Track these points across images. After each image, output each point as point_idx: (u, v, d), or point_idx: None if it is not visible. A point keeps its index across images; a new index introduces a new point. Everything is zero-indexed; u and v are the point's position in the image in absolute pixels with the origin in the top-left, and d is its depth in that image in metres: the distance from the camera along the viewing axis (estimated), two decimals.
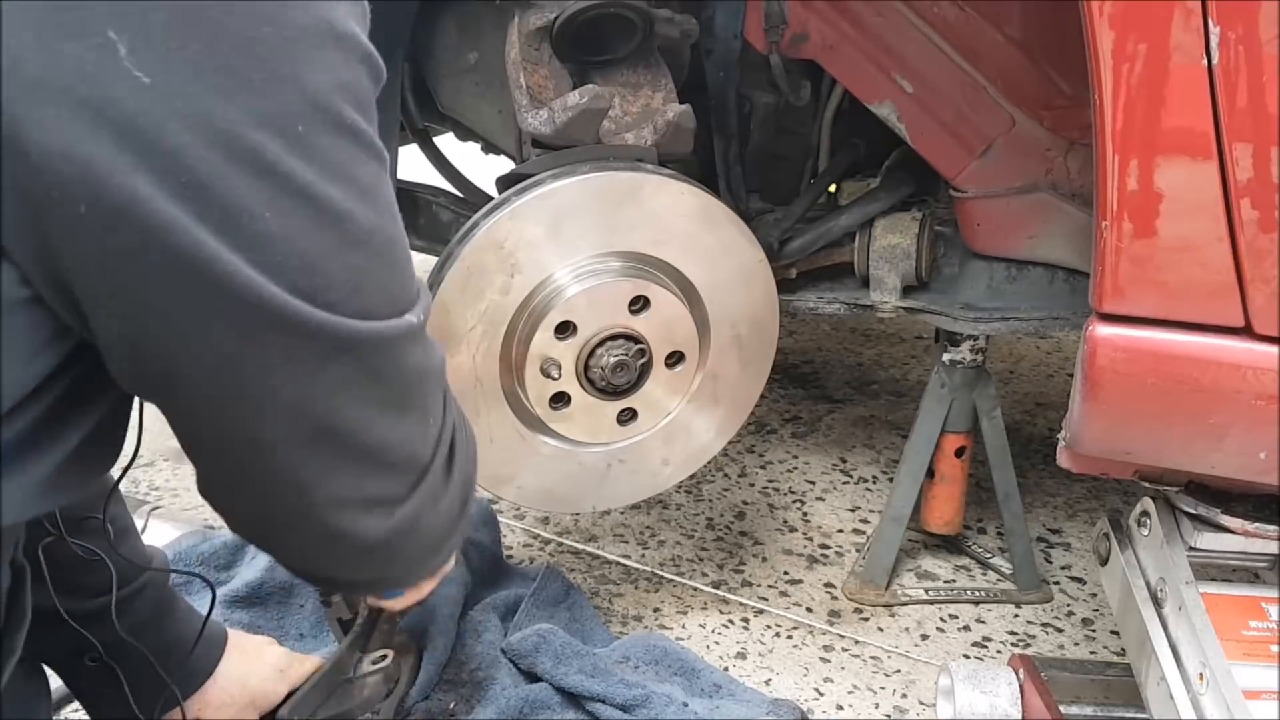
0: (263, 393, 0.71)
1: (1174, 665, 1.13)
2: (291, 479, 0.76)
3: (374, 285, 0.73)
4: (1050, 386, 2.54)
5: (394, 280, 0.76)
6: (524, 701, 1.36)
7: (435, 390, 0.84)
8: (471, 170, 1.82)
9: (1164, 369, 1.08)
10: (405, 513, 0.82)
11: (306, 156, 0.66)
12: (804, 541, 1.88)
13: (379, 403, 0.76)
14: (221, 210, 0.64)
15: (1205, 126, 0.98)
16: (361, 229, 0.71)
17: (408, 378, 0.79)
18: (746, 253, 1.37)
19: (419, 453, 0.82)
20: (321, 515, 0.78)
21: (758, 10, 1.47)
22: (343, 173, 0.69)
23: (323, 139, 0.67)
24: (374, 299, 0.73)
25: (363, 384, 0.75)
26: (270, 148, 0.64)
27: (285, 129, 0.65)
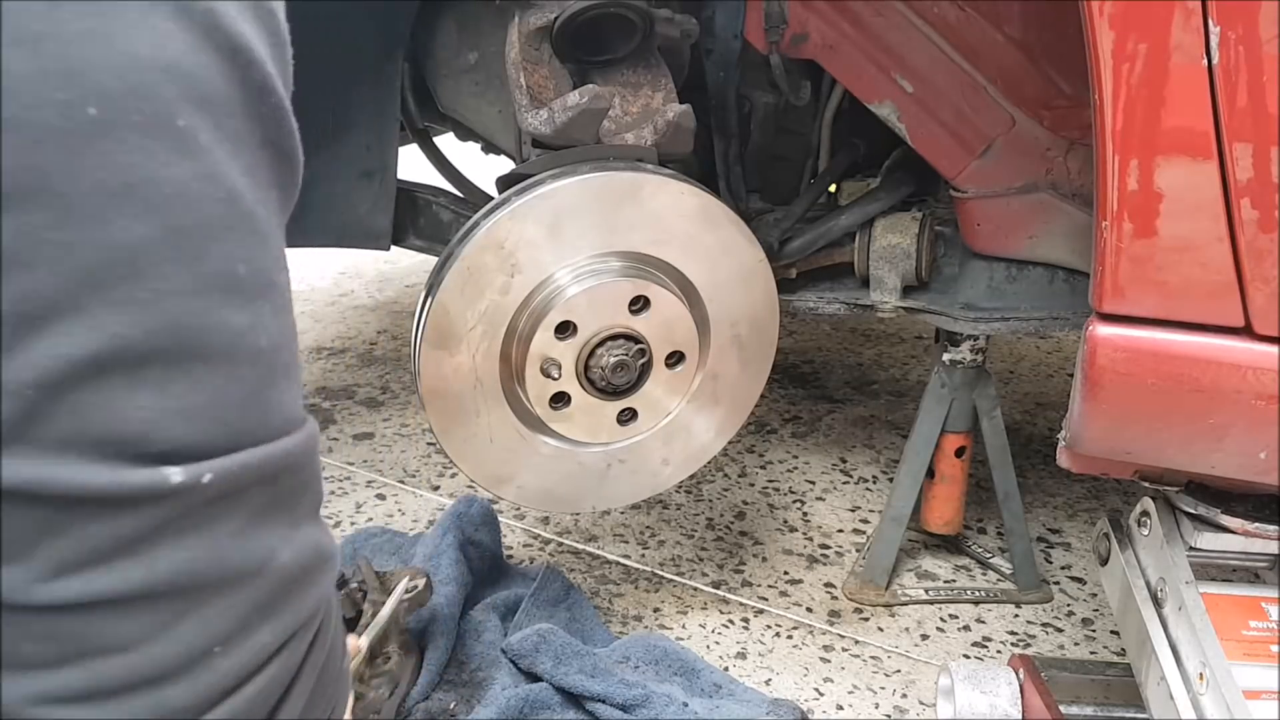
0: None
1: (1174, 665, 1.13)
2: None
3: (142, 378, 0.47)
4: (1050, 386, 2.54)
5: (174, 390, 0.48)
6: (524, 701, 1.36)
7: (234, 605, 0.53)
8: (471, 170, 1.82)
9: (1164, 369, 1.08)
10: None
11: (87, 151, 0.45)
12: (804, 541, 1.88)
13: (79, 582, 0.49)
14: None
15: (1205, 126, 0.98)
16: (139, 282, 0.47)
17: (152, 567, 0.50)
18: (746, 253, 1.37)
19: (165, 683, 0.52)
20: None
21: (758, 10, 1.47)
22: (143, 191, 0.47)
23: (125, 134, 0.46)
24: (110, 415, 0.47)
25: (48, 545, 0.48)
26: (31, 129, 0.44)
27: (66, 105, 0.45)
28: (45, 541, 0.48)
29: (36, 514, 0.47)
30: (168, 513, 0.49)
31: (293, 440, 0.55)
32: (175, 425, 0.49)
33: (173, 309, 0.47)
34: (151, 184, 0.46)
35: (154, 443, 0.48)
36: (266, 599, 0.55)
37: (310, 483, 0.58)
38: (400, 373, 2.51)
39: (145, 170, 0.46)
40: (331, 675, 0.63)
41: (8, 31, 0.43)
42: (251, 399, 0.52)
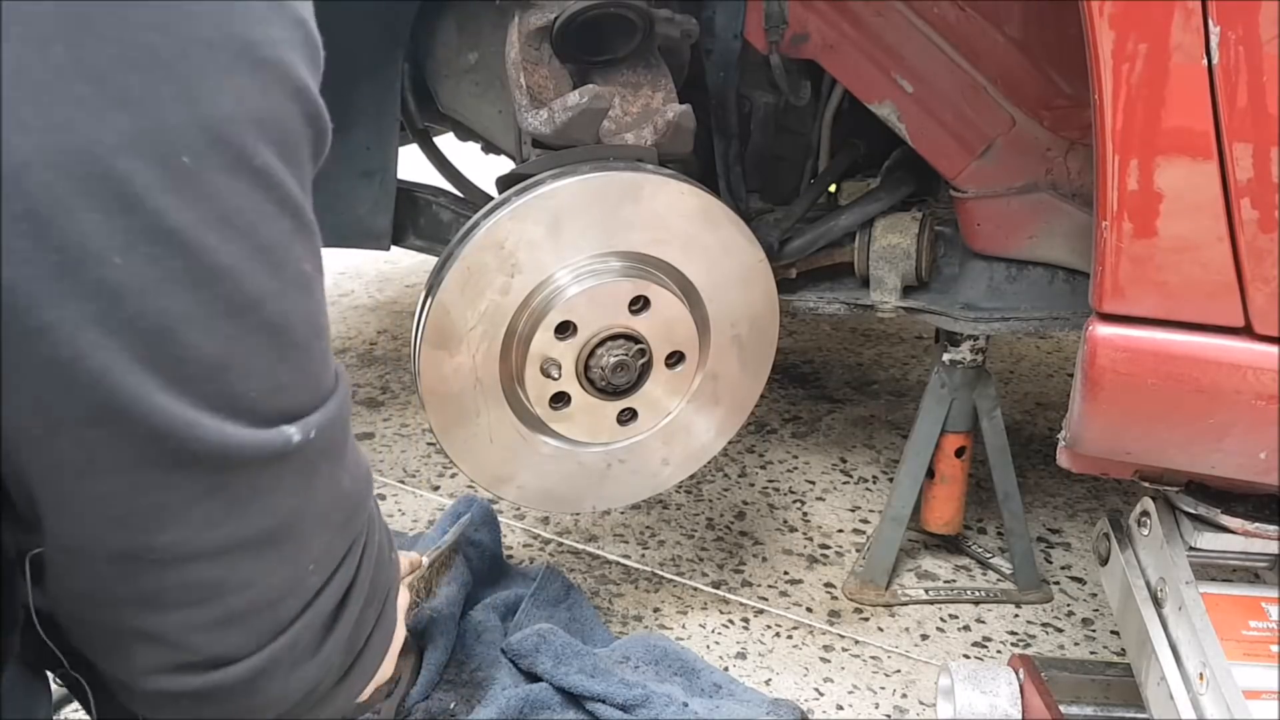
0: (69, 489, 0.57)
1: (1174, 665, 1.13)
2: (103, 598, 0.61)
3: (250, 368, 0.58)
4: (1050, 386, 2.54)
5: (282, 368, 0.60)
6: (524, 701, 1.36)
7: (327, 531, 0.67)
8: (471, 170, 1.82)
9: (1164, 369, 1.08)
10: (235, 673, 0.64)
11: (188, 195, 0.53)
12: (804, 541, 1.88)
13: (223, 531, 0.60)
14: (59, 249, 0.51)
15: (1205, 126, 0.98)
16: (245, 294, 0.57)
17: (274, 511, 0.62)
18: (746, 253, 1.37)
19: (278, 606, 0.65)
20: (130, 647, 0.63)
21: (758, 10, 1.47)
22: (236, 222, 0.56)
23: (215, 177, 0.54)
24: (246, 386, 0.58)
25: (203, 503, 0.59)
26: (139, 179, 0.52)
27: (165, 157, 0.52)
28: (201, 502, 0.58)
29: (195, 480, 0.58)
30: (288, 465, 0.61)
31: (343, 386, 0.67)
32: (283, 396, 0.61)
33: (268, 310, 0.58)
34: (239, 213, 0.56)
35: (272, 410, 0.60)
36: (339, 520, 0.68)
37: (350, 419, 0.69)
38: (400, 373, 2.51)
39: (233, 203, 0.56)
40: (382, 568, 0.76)
41: (116, 99, 0.51)
42: (322, 365, 0.64)
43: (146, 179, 0.52)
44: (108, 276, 0.52)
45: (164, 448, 0.56)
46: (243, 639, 0.64)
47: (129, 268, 0.52)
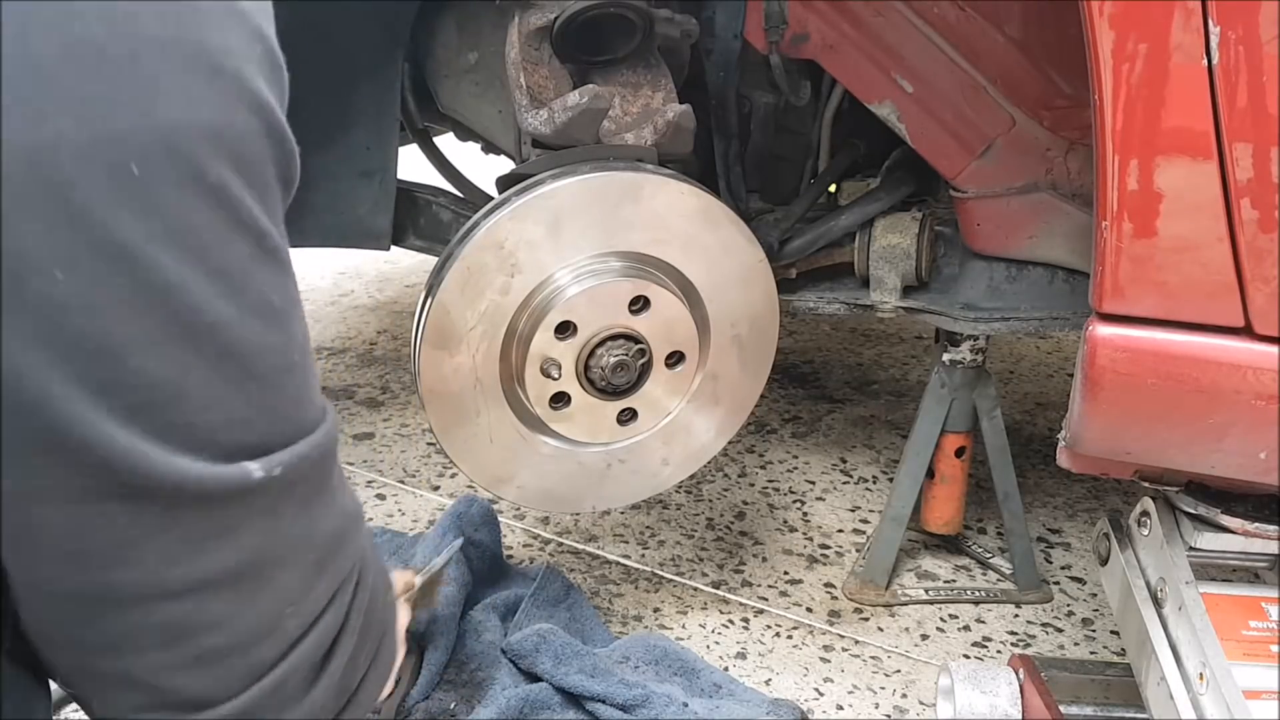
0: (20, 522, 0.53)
1: (1174, 665, 1.13)
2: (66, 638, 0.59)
3: (207, 399, 0.54)
4: (1050, 386, 2.54)
5: (244, 401, 0.57)
6: (524, 701, 1.36)
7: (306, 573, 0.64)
8: (471, 170, 1.82)
9: (1164, 369, 1.08)
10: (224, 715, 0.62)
11: (135, 207, 0.50)
12: (804, 541, 1.88)
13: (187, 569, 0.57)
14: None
15: (1205, 126, 0.98)
16: (198, 318, 0.53)
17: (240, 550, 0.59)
18: (746, 253, 1.37)
19: (253, 648, 0.62)
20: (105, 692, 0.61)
21: (758, 10, 1.47)
22: (187, 240, 0.52)
23: (166, 190, 0.51)
24: (203, 418, 0.55)
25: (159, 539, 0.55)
26: (83, 186, 0.48)
27: (111, 165, 0.49)
28: (156, 538, 0.56)
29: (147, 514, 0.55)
30: (250, 502, 0.58)
31: (326, 427, 0.64)
32: (244, 431, 0.57)
33: (225, 337, 0.55)
34: (191, 232, 0.52)
35: (231, 444, 0.56)
36: (318, 561, 0.65)
37: (336, 456, 0.67)
38: (400, 373, 2.51)
39: (184, 220, 0.52)
40: (376, 610, 0.73)
41: (60, 100, 0.47)
42: (294, 402, 0.61)
43: (91, 188, 0.48)
44: (50, 293, 0.48)
45: (114, 479, 0.53)
46: (220, 682, 0.62)
47: (71, 284, 0.49)
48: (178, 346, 0.53)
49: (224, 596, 0.59)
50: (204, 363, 0.54)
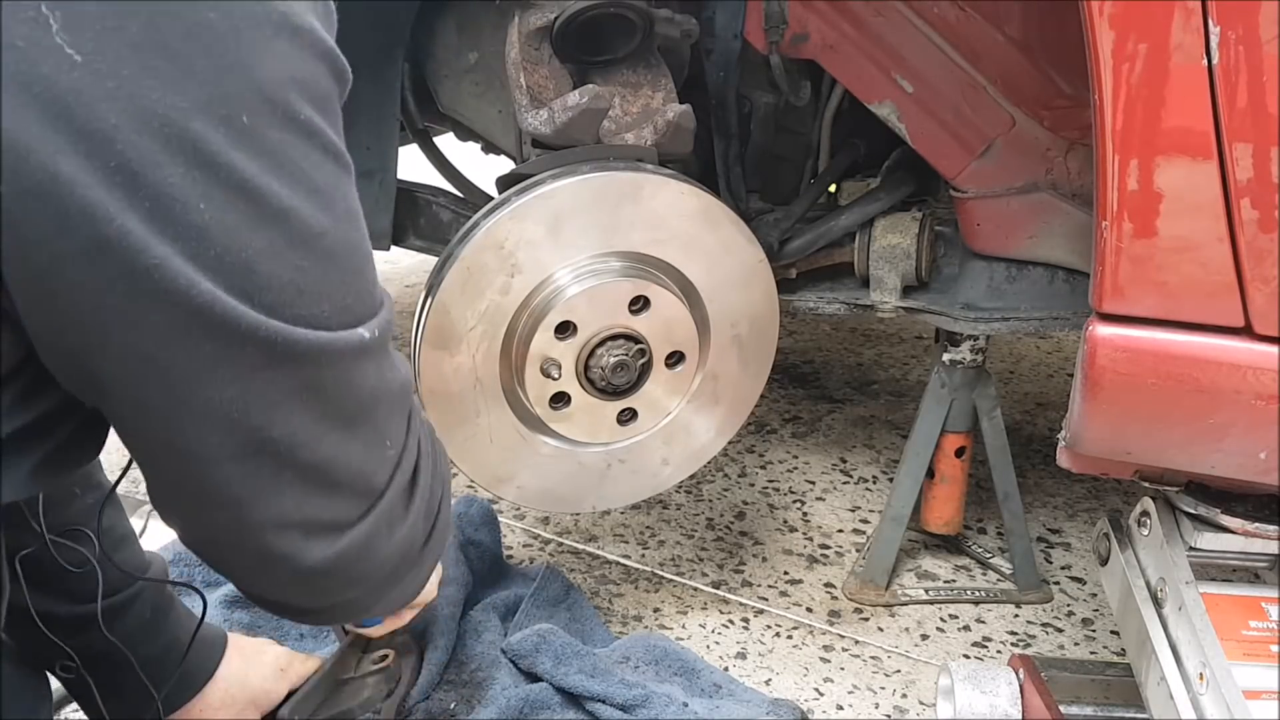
0: (191, 401, 0.66)
1: (1174, 665, 1.13)
2: (227, 496, 0.71)
3: (321, 291, 0.68)
4: (1050, 386, 2.54)
5: (346, 288, 0.71)
6: (524, 701, 1.36)
7: (393, 413, 0.79)
8: (471, 170, 1.82)
9: (1164, 369, 1.08)
10: (354, 538, 0.77)
11: (251, 149, 0.62)
12: (804, 541, 1.88)
13: (324, 420, 0.72)
14: (152, 198, 0.60)
15: (1205, 126, 0.98)
16: (309, 229, 0.67)
17: (358, 396, 0.74)
18: (746, 253, 1.37)
19: (371, 476, 0.77)
20: (260, 536, 0.73)
21: (758, 10, 1.47)
22: (291, 169, 0.65)
23: (271, 132, 0.64)
24: (320, 306, 0.68)
25: (304, 398, 0.70)
26: (211, 137, 0.61)
27: (229, 118, 0.61)
28: (303, 393, 0.69)
29: (302, 370, 0.68)
30: (364, 357, 0.72)
31: (389, 299, 0.78)
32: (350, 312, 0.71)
33: (328, 243, 0.68)
34: (293, 162, 0.65)
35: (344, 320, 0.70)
36: (402, 402, 0.80)
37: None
38: None
39: (287, 154, 0.65)
40: (434, 440, 0.89)
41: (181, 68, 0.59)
42: (373, 281, 0.75)
43: (216, 137, 0.61)
44: (195, 221, 0.61)
45: (272, 352, 0.66)
46: (350, 506, 0.76)
47: (211, 212, 0.61)
48: (295, 254, 0.66)
49: (351, 435, 0.74)
50: (315, 264, 0.67)
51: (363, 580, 0.81)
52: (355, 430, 0.74)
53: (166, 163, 0.60)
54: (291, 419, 0.70)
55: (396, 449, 0.80)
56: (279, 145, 0.64)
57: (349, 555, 0.77)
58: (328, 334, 0.69)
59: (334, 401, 0.72)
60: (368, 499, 0.77)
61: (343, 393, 0.72)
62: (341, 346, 0.70)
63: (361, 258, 0.73)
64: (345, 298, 0.71)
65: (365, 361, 0.73)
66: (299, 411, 0.70)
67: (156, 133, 0.59)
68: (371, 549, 0.79)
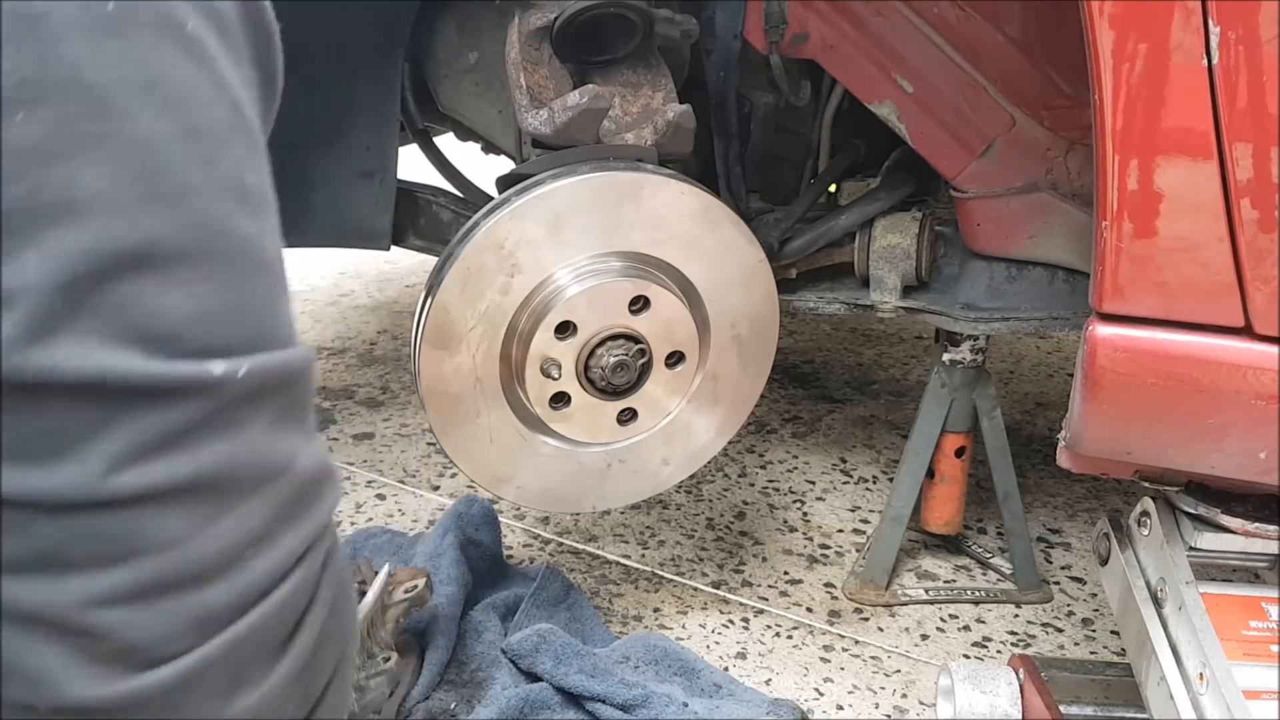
0: None
1: (1174, 665, 1.13)
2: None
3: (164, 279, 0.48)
4: (1050, 386, 2.54)
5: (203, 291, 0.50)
6: (524, 701, 1.36)
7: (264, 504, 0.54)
8: (471, 170, 1.82)
9: (1164, 369, 1.08)
10: (161, 681, 0.51)
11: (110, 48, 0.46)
12: (804, 541, 1.88)
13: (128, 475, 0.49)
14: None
15: (1205, 126, 0.98)
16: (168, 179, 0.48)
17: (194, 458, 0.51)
18: (746, 253, 1.37)
19: (206, 581, 0.52)
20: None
21: (758, 10, 1.47)
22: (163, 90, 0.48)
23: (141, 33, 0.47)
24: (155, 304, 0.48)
25: (100, 438, 0.48)
26: (56, 19, 0.44)
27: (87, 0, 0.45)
28: (98, 436, 0.48)
29: (88, 409, 0.47)
30: (210, 405, 0.50)
31: (301, 350, 0.57)
32: (206, 325, 0.50)
33: (196, 208, 0.49)
34: (169, 82, 0.48)
35: (190, 340, 0.49)
36: (290, 501, 0.56)
37: (311, 399, 0.59)
38: (400, 373, 2.51)
39: (161, 69, 0.47)
40: (344, 599, 0.63)
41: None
42: (266, 305, 0.53)
43: (63, 22, 0.44)
44: (9, 135, 0.44)
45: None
46: (164, 627, 0.51)
47: (33, 126, 0.44)
48: (142, 209, 0.47)
49: (175, 513, 0.50)
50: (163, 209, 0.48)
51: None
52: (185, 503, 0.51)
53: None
54: (77, 464, 0.48)
55: (266, 566, 0.54)
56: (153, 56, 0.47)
57: (153, 701, 0.51)
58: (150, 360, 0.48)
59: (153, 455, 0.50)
60: (198, 623, 0.52)
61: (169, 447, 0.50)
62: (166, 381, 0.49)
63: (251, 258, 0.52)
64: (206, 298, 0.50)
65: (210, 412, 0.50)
66: (90, 455, 0.48)
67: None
68: (193, 704, 0.52)
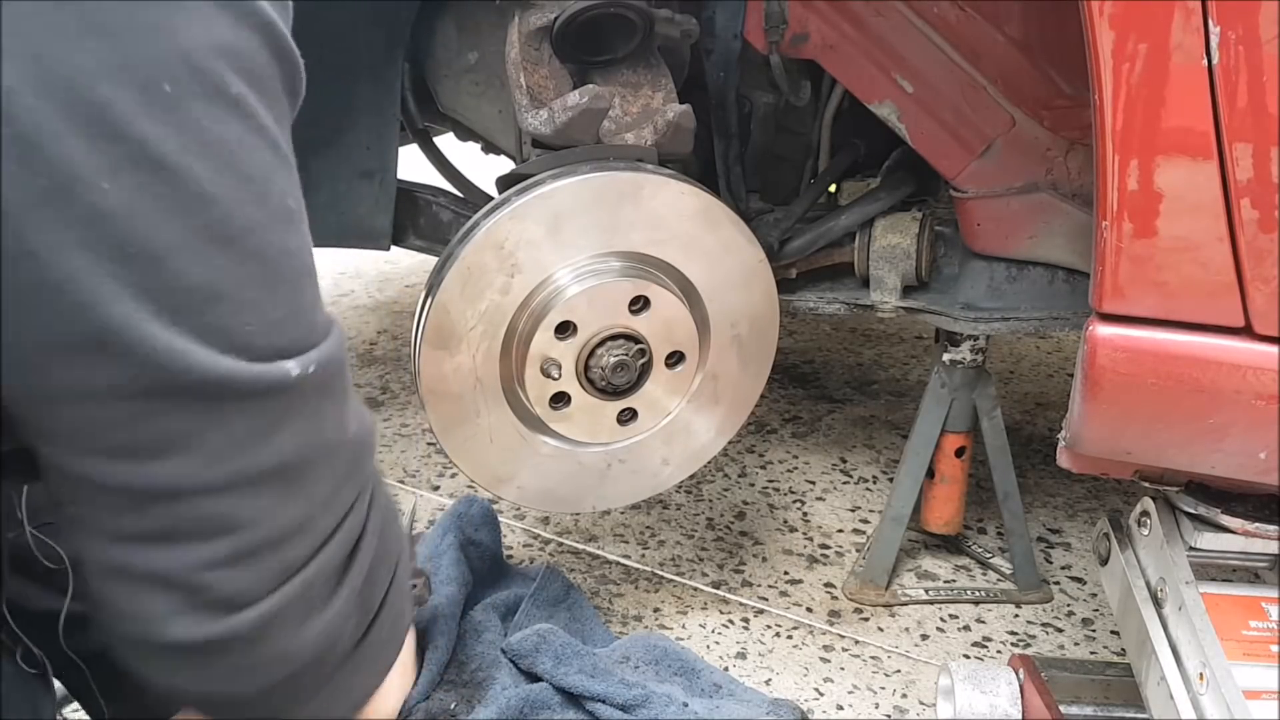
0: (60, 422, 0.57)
1: (1174, 665, 1.13)
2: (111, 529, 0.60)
3: (243, 299, 0.58)
4: (1050, 386, 2.54)
5: (276, 301, 0.60)
6: (524, 701, 1.36)
7: (335, 478, 0.67)
8: (471, 170, 1.82)
9: (1164, 369, 1.08)
10: (250, 618, 0.63)
11: (170, 122, 0.54)
12: (804, 541, 1.88)
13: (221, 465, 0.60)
14: (47, 174, 0.51)
15: (1205, 126, 0.98)
16: (234, 222, 0.57)
17: (279, 450, 0.62)
18: (746, 253, 1.37)
19: (286, 545, 0.64)
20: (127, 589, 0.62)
21: (758, 10, 1.47)
22: (218, 150, 0.56)
23: (195, 105, 0.55)
24: (241, 317, 0.58)
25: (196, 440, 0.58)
26: (121, 105, 0.52)
27: (145, 85, 0.53)
28: (202, 434, 0.58)
29: (193, 411, 0.57)
30: (290, 401, 0.61)
31: (337, 332, 0.67)
32: (275, 333, 0.60)
33: (255, 241, 0.58)
34: (221, 142, 0.57)
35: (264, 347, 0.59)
36: (346, 466, 0.67)
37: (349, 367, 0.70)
38: (400, 373, 2.51)
39: (215, 132, 0.56)
40: (390, 526, 0.75)
41: (92, 28, 0.52)
42: (314, 304, 0.64)
43: (128, 106, 0.52)
44: (96, 202, 0.52)
45: (159, 377, 0.56)
46: (254, 579, 0.63)
47: (116, 194, 0.53)
48: (214, 250, 0.56)
49: (265, 493, 0.62)
50: (239, 265, 0.58)
51: (264, 670, 0.66)
52: (272, 487, 0.62)
53: (67, 132, 0.52)
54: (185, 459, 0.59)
55: (331, 519, 0.67)
56: (204, 120, 0.56)
57: (244, 635, 0.63)
58: (241, 364, 0.58)
59: (247, 448, 0.60)
60: (280, 573, 0.64)
61: (259, 441, 0.61)
62: (254, 384, 0.59)
63: (299, 268, 0.62)
64: (272, 313, 0.60)
65: (291, 406, 0.61)
66: (195, 450, 0.59)
67: (57, 97, 0.51)
68: (275, 633, 0.65)
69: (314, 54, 1.53)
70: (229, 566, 0.62)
